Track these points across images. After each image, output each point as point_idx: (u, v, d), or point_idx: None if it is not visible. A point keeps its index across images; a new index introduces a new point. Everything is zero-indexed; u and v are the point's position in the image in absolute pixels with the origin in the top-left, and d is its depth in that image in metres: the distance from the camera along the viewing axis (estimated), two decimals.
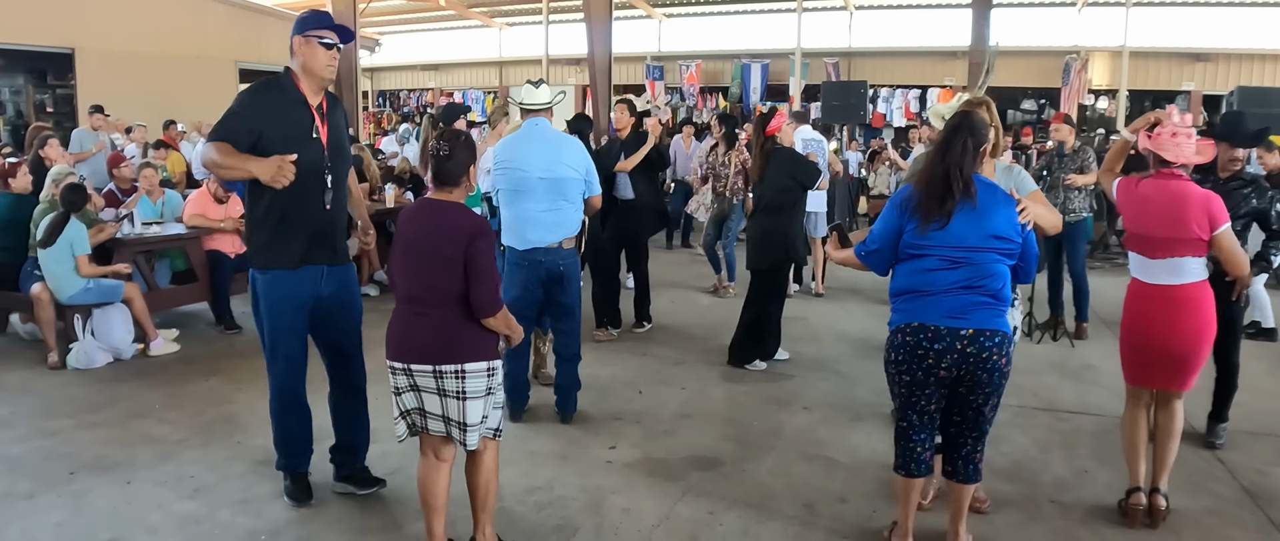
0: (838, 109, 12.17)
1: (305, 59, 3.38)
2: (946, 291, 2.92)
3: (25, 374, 5.47)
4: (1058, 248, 6.55)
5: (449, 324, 2.92)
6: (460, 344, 2.92)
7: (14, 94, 14.84)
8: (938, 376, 2.96)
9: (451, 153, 2.95)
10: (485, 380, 2.96)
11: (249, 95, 3.42)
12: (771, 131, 5.58)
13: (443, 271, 2.88)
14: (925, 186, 2.94)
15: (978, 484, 3.22)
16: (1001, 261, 2.95)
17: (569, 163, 4.49)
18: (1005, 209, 2.95)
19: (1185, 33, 16.27)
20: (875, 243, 3.10)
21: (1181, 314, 3.43)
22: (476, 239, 2.88)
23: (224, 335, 6.47)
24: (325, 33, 3.39)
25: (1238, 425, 4.53)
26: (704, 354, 6.03)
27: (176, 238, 6.64)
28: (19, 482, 3.82)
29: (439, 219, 2.94)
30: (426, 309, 2.93)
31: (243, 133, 3.23)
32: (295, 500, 3.62)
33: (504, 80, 22.48)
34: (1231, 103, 10.61)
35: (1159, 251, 3.43)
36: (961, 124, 2.95)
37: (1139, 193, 3.51)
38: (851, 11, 18.28)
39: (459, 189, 3.00)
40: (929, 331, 2.93)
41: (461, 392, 2.92)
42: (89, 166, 8.67)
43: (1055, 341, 6.38)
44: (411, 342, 2.95)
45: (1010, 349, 2.99)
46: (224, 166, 3.21)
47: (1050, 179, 6.45)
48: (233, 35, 15.70)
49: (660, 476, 3.98)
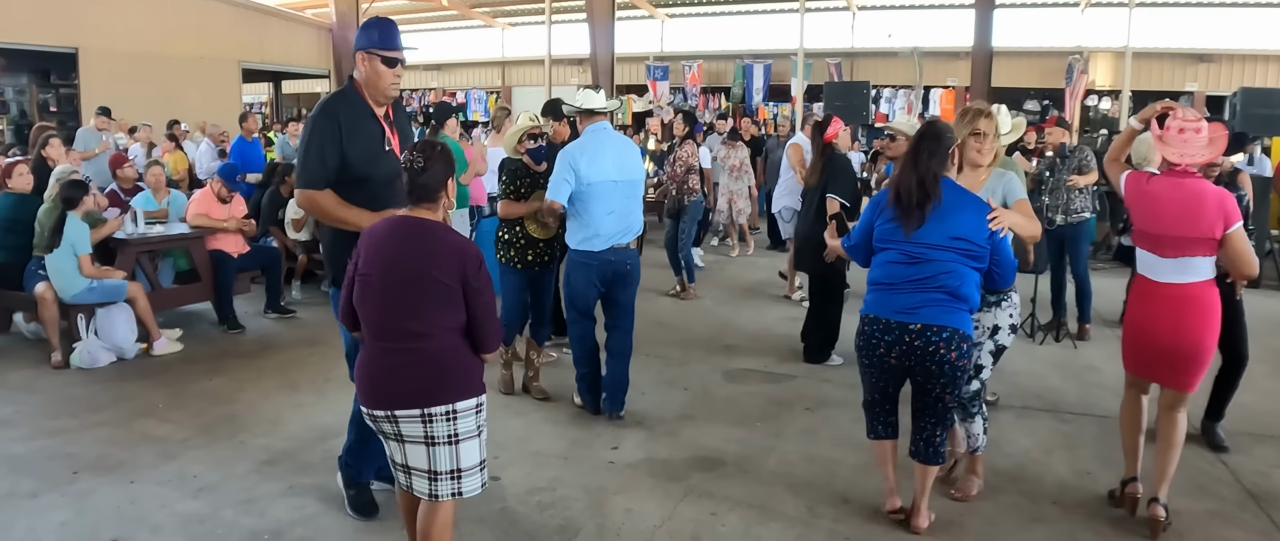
0: (840, 109, 12.17)
1: (369, 76, 3.27)
2: (902, 285, 3.16)
3: (29, 373, 5.48)
4: (1060, 248, 6.55)
5: (439, 358, 2.60)
6: (451, 380, 2.61)
7: (18, 93, 14.86)
8: (889, 364, 3.25)
9: (427, 165, 2.62)
10: (475, 418, 2.67)
11: (322, 119, 3.25)
12: (829, 139, 5.63)
13: (434, 300, 2.57)
14: (897, 194, 3.18)
15: (940, 465, 3.42)
16: (962, 262, 3.12)
17: (637, 165, 4.69)
18: (972, 213, 3.13)
19: (1188, 33, 16.29)
20: (855, 238, 3.44)
21: (1187, 312, 3.40)
22: (477, 264, 2.61)
23: (227, 335, 6.48)
24: (387, 51, 3.24)
25: (1240, 426, 4.53)
26: (707, 355, 6.04)
27: (180, 237, 6.65)
28: (22, 482, 3.82)
29: (426, 242, 2.61)
30: (410, 343, 2.59)
31: (330, 165, 3.17)
32: (361, 513, 3.49)
33: (506, 80, 22.51)
34: (1235, 104, 10.60)
35: (1171, 250, 3.38)
36: (927, 133, 3.21)
37: (1150, 190, 3.44)
38: (854, 12, 18.29)
39: (437, 206, 2.68)
40: (881, 323, 3.20)
41: (454, 436, 2.62)
42: (92, 166, 8.68)
43: (1058, 342, 6.37)
44: (394, 384, 2.60)
45: (964, 345, 3.16)
46: (334, 219, 3.21)
47: (1053, 180, 6.44)
48: (236, 35, 15.74)
49: (663, 477, 3.98)
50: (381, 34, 3.26)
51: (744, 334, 6.61)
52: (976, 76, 13.91)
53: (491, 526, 3.48)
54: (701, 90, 19.47)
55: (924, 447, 3.36)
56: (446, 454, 2.63)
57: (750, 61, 18.56)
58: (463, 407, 2.62)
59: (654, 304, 7.57)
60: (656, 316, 7.10)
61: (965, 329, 3.16)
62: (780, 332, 6.58)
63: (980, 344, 3.60)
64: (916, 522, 3.40)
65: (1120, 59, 15.62)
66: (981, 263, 3.16)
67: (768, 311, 7.34)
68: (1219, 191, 3.37)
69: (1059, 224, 6.43)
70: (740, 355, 6.03)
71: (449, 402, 2.59)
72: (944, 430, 3.35)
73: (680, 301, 7.75)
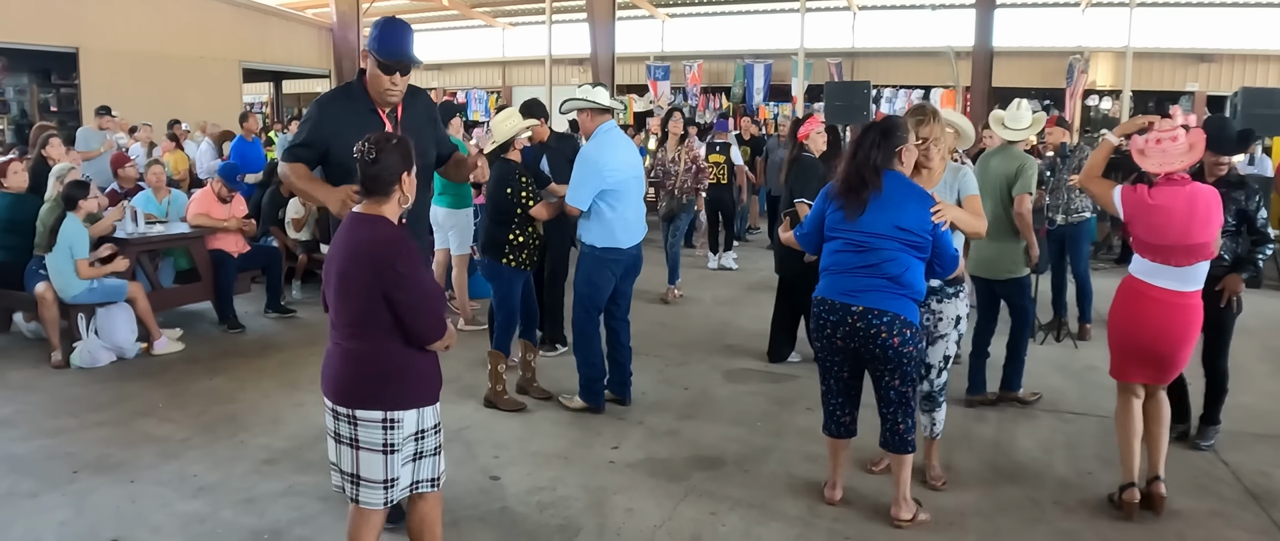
0: (841, 109, 12.14)
1: (371, 76, 3.26)
2: (848, 271, 3.31)
3: (29, 373, 5.48)
4: (1061, 248, 6.54)
5: (358, 359, 2.55)
6: (359, 385, 2.55)
7: (18, 93, 14.85)
8: (836, 346, 3.38)
9: (377, 157, 2.53)
10: (383, 433, 2.54)
11: (319, 107, 3.36)
12: (801, 137, 5.55)
13: (355, 296, 2.52)
14: (842, 181, 3.33)
15: (909, 454, 3.47)
16: (906, 251, 3.26)
17: (640, 161, 4.87)
18: (916, 206, 3.26)
19: (1189, 33, 16.26)
20: (806, 226, 3.56)
21: (1172, 319, 3.47)
22: (396, 258, 2.49)
23: (227, 335, 6.48)
24: (384, 58, 3.18)
25: (1241, 427, 4.53)
26: (707, 354, 6.03)
27: (180, 237, 6.65)
28: (22, 481, 3.82)
29: (354, 235, 2.56)
30: (343, 340, 2.58)
31: (313, 149, 3.27)
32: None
33: (507, 80, 22.51)
34: (1235, 104, 10.58)
35: (1183, 259, 3.41)
36: (871, 127, 3.37)
37: (1153, 202, 3.44)
38: (855, 12, 18.28)
39: (390, 200, 2.59)
40: (827, 304, 3.36)
41: (354, 440, 2.56)
42: (93, 166, 8.67)
43: (1058, 342, 6.37)
44: (325, 372, 2.63)
45: (907, 331, 3.27)
46: (298, 191, 3.34)
47: (1053, 180, 6.43)
48: (236, 35, 15.72)
49: (663, 477, 3.98)
50: (381, 37, 3.20)
51: (744, 334, 6.60)
52: (977, 76, 13.90)
53: (492, 526, 3.48)
54: (702, 90, 19.47)
55: (890, 436, 3.47)
56: (348, 455, 2.59)
57: (751, 61, 18.55)
58: (363, 417, 2.54)
59: (654, 304, 7.57)
60: (657, 317, 7.10)
61: (907, 315, 3.27)
62: None
63: (945, 336, 3.70)
64: (896, 513, 3.48)
65: (1121, 59, 15.62)
66: (924, 253, 3.28)
67: (768, 311, 7.31)
68: (1209, 189, 3.46)
69: (1059, 224, 6.43)
70: (740, 355, 6.03)
71: (350, 407, 2.55)
72: (907, 418, 3.42)
73: (680, 302, 7.74)
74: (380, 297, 2.49)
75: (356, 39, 17.18)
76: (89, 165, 8.56)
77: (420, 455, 2.65)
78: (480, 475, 3.93)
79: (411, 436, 2.60)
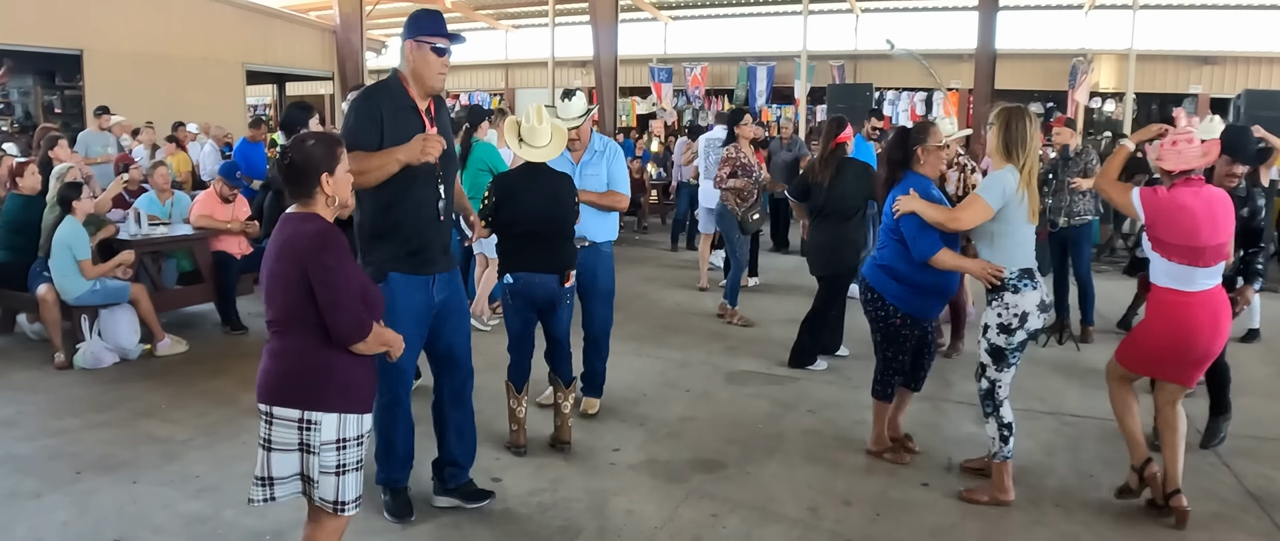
0: (843, 112, 12.17)
1: (417, 65, 3.21)
2: None
3: (32, 373, 5.50)
4: (1063, 250, 6.53)
5: (275, 356, 2.50)
6: (275, 382, 2.48)
7: (22, 95, 14.89)
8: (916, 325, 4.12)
9: (292, 158, 2.47)
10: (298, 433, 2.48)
11: (362, 100, 3.25)
12: (841, 141, 5.56)
13: (282, 293, 2.45)
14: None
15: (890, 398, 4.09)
16: (887, 233, 3.93)
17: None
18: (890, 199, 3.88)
19: (1192, 35, 16.22)
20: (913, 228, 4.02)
21: (1220, 316, 3.51)
22: (324, 250, 2.41)
23: (230, 336, 6.50)
24: (437, 39, 3.20)
25: (1244, 429, 4.52)
26: (708, 356, 6.04)
27: (183, 238, 6.67)
28: (25, 482, 3.84)
29: (284, 231, 2.49)
30: (270, 339, 2.53)
31: (370, 136, 3.12)
32: (397, 517, 3.47)
33: (510, 82, 22.53)
34: (1238, 106, 10.57)
35: (1212, 259, 3.43)
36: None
37: (1175, 203, 3.42)
38: (857, 14, 18.28)
39: (315, 201, 2.50)
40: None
41: (267, 441, 2.50)
42: (97, 168, 8.70)
43: (1061, 344, 6.36)
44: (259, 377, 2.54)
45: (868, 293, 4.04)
46: (368, 169, 3.02)
47: (1056, 182, 6.43)
48: (240, 37, 15.75)
49: (664, 478, 3.98)
50: (429, 20, 3.22)
51: (745, 335, 6.61)
52: (980, 78, 13.86)
53: (492, 526, 3.49)
54: (705, 92, 19.47)
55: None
56: (261, 457, 2.51)
57: (754, 63, 18.53)
58: (280, 415, 2.46)
59: (655, 305, 7.59)
60: (658, 317, 7.10)
61: (871, 280, 4.01)
62: (782, 334, 6.57)
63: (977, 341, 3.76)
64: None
65: (1124, 61, 15.59)
66: (897, 236, 3.85)
67: (770, 312, 7.33)
68: (1221, 192, 3.54)
69: (1062, 226, 6.42)
70: (741, 356, 6.03)
71: (268, 404, 2.48)
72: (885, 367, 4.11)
73: (680, 302, 7.75)
74: (308, 294, 2.42)
75: (359, 41, 17.20)
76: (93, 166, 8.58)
77: (343, 468, 2.52)
78: (481, 476, 3.94)
79: (332, 444, 2.48)
